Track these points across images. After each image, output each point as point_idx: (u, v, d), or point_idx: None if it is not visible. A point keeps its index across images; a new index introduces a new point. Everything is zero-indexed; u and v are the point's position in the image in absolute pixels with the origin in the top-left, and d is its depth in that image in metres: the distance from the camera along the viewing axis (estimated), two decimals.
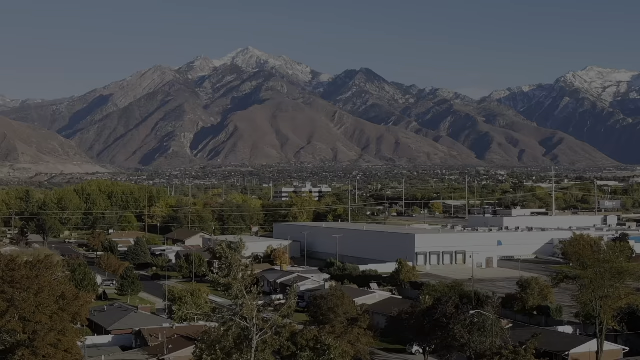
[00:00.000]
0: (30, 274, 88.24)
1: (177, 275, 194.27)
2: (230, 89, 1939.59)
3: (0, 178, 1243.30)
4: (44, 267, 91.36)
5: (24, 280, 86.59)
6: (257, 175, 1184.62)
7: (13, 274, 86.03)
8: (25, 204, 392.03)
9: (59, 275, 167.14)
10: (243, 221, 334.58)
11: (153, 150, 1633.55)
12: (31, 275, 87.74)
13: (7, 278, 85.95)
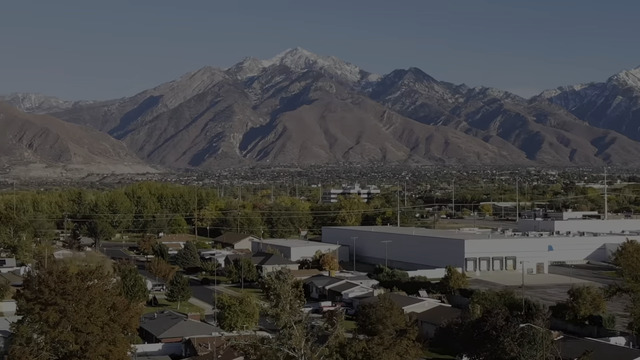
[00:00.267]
0: (81, 285, 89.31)
1: (226, 280, 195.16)
2: (279, 90, 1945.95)
3: (53, 178, 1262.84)
4: (95, 277, 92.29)
5: (75, 291, 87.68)
6: (306, 175, 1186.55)
7: (65, 286, 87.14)
8: (78, 206, 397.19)
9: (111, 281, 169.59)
10: (292, 224, 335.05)
11: (202, 151, 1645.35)
12: (82, 287, 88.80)
13: (60, 290, 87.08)
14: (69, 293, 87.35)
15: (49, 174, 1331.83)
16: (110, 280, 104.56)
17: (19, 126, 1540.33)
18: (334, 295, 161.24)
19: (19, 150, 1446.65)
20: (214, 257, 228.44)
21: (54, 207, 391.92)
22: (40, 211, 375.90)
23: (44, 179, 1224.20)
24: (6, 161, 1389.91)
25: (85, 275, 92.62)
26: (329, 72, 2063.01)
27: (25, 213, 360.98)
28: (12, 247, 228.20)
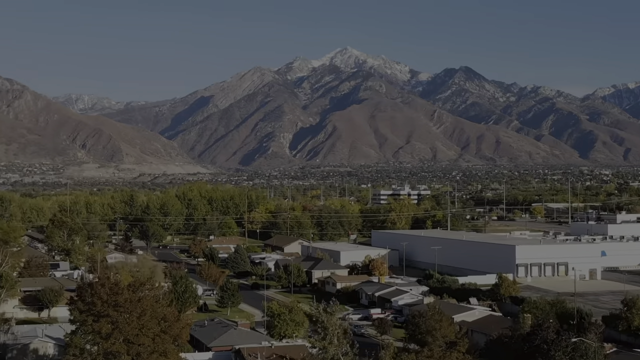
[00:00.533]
0: (133, 296, 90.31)
1: (275, 284, 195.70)
2: (328, 89, 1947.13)
3: (105, 178, 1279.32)
4: (147, 289, 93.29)
5: (127, 303, 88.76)
6: (356, 175, 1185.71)
7: (117, 298, 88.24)
8: (130, 208, 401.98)
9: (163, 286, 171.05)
10: (341, 227, 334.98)
11: (253, 151, 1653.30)
12: (134, 298, 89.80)
13: (112, 302, 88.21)
14: (120, 305, 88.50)
15: (101, 174, 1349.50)
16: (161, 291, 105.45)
17: (73, 127, 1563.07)
18: (384, 302, 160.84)
19: (72, 151, 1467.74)
20: (263, 261, 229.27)
21: (106, 209, 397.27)
22: (93, 213, 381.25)
23: (97, 179, 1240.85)
24: (60, 161, 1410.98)
25: (136, 286, 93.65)
26: (379, 72, 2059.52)
27: (78, 215, 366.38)
28: (65, 250, 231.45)
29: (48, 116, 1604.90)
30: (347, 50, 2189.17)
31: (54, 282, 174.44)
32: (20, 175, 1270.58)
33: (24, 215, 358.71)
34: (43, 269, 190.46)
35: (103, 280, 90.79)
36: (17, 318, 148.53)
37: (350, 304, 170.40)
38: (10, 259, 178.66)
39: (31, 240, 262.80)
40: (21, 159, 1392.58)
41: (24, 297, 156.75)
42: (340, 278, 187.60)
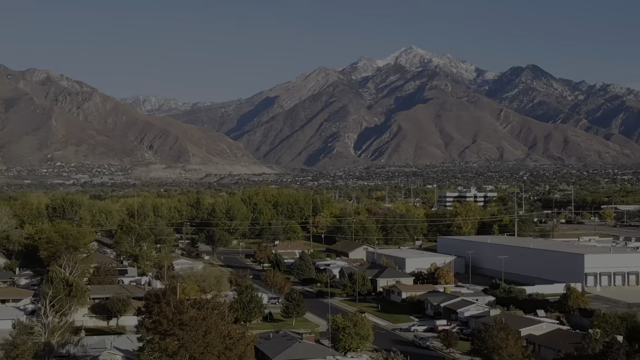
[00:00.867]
0: (198, 315, 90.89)
1: (340, 292, 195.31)
2: (393, 89, 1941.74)
3: (172, 179, 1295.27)
4: (211, 307, 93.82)
5: (192, 322, 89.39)
6: (421, 175, 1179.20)
7: (182, 317, 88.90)
8: (196, 211, 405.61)
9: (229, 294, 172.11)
10: (406, 231, 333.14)
11: (318, 151, 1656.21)
12: (199, 317, 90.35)
13: (177, 321, 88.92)
14: (186, 323, 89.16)
15: (168, 175, 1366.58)
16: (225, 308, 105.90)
17: (140, 128, 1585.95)
18: (449, 313, 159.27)
19: (140, 152, 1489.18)
20: (328, 268, 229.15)
21: (173, 212, 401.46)
22: (160, 216, 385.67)
23: (164, 180, 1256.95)
24: (128, 162, 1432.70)
25: (202, 304, 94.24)
26: (444, 71, 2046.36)
27: (146, 218, 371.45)
28: (133, 256, 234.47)
29: (116, 117, 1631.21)
30: (412, 50, 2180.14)
31: (122, 289, 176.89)
32: (90, 176, 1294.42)
33: (93, 218, 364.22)
34: (111, 275, 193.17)
35: (168, 299, 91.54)
36: (86, 327, 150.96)
37: (416, 314, 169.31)
38: (80, 266, 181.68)
39: (100, 245, 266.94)
40: (90, 159, 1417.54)
41: (93, 305, 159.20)
42: (405, 287, 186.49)
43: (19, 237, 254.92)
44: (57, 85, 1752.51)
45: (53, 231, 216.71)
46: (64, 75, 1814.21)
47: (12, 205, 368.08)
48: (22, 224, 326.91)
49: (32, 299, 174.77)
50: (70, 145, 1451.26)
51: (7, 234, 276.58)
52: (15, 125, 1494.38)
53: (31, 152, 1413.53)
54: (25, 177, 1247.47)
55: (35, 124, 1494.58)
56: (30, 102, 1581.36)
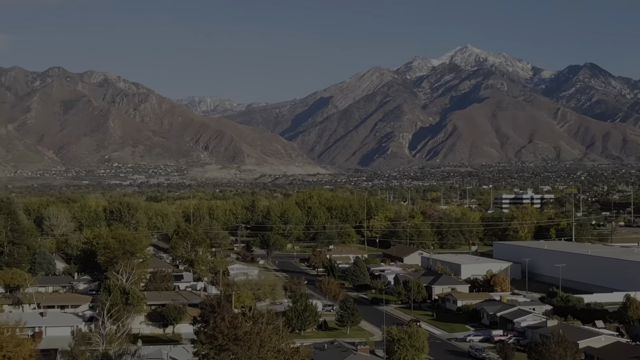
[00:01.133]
0: (252, 329, 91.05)
1: (395, 300, 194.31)
2: (448, 88, 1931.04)
3: (227, 179, 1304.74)
4: (266, 321, 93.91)
5: (246, 336, 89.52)
6: (477, 175, 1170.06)
7: (236, 332, 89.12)
8: (251, 214, 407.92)
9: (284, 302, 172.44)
10: (462, 235, 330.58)
11: (372, 151, 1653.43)
12: (253, 331, 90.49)
13: (232, 335, 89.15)
14: (240, 338, 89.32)
15: (223, 175, 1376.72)
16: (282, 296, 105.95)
17: (196, 129, 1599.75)
18: (506, 323, 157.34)
19: (195, 152, 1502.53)
20: (383, 274, 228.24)
21: (228, 215, 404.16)
22: (215, 219, 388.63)
23: (219, 180, 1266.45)
24: (184, 163, 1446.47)
25: (256, 318, 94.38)
26: (500, 70, 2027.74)
27: (201, 221, 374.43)
28: (189, 261, 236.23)
29: (172, 119, 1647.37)
30: (467, 49, 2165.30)
31: (178, 296, 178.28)
32: (146, 177, 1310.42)
33: (149, 221, 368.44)
34: (167, 281, 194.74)
35: (223, 314, 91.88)
36: (143, 334, 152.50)
37: (471, 323, 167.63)
38: (136, 271, 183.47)
39: (156, 250, 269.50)
40: (147, 160, 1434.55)
41: (150, 313, 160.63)
42: (460, 295, 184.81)
43: (77, 241, 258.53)
44: (115, 87, 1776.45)
45: (110, 236, 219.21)
46: (121, 77, 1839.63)
47: (70, 207, 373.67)
48: (80, 226, 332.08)
49: (90, 304, 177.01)
50: (127, 146, 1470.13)
51: (65, 237, 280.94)
52: (73, 127, 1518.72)
53: (89, 153, 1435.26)
54: (84, 178, 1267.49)
55: (93, 126, 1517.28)
56: (88, 104, 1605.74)
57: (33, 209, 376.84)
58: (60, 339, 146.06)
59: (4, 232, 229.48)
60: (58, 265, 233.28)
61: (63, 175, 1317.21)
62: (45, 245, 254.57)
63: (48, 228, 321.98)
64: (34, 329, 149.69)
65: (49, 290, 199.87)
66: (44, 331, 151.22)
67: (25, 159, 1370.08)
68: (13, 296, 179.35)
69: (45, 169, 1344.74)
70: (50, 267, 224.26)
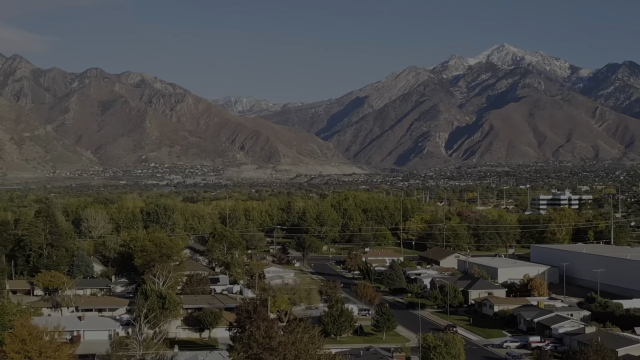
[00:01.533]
0: (287, 339, 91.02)
1: (431, 304, 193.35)
2: (485, 87, 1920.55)
3: (263, 179, 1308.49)
4: (301, 331, 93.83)
5: (281, 346, 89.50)
6: (514, 175, 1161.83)
7: (271, 342, 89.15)
8: (287, 215, 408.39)
9: (320, 307, 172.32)
10: (499, 237, 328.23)
11: (408, 151, 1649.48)
12: (289, 342, 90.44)
13: (266, 345, 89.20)
14: (275, 348, 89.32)
15: (259, 175, 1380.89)
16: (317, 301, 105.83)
17: (232, 129, 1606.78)
18: (543, 329, 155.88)
19: (231, 152, 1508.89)
20: (419, 278, 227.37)
21: (264, 216, 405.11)
22: (251, 220, 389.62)
23: (255, 180, 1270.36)
24: (220, 163, 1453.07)
25: (292, 328, 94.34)
26: (537, 68, 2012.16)
27: (237, 222, 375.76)
28: (225, 263, 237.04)
29: (208, 119, 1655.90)
30: (504, 47, 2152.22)
31: (214, 299, 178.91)
32: (183, 177, 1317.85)
33: (186, 222, 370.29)
34: (204, 284, 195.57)
35: (259, 323, 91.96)
36: (179, 338, 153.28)
37: (508, 328, 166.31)
38: (172, 275, 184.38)
39: (193, 253, 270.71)
40: (183, 160, 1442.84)
41: (186, 317, 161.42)
42: (497, 300, 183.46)
43: (114, 244, 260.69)
44: (151, 88, 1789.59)
45: (147, 239, 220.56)
46: (157, 78, 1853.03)
47: (108, 209, 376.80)
48: (117, 227, 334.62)
49: (128, 307, 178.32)
50: (163, 146, 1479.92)
51: (103, 239, 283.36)
52: (111, 127, 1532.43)
53: (126, 154, 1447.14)
54: (121, 178, 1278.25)
55: (130, 126, 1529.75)
56: (126, 104, 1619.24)
57: (71, 210, 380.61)
58: (98, 343, 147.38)
59: (43, 235, 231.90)
60: (96, 268, 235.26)
61: (101, 175, 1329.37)
62: (83, 248, 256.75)
63: (86, 229, 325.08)
64: (72, 332, 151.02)
65: (86, 293, 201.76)
66: (82, 335, 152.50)
67: (63, 159, 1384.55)
68: (52, 299, 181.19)
69: (83, 169, 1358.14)
70: (88, 270, 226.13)
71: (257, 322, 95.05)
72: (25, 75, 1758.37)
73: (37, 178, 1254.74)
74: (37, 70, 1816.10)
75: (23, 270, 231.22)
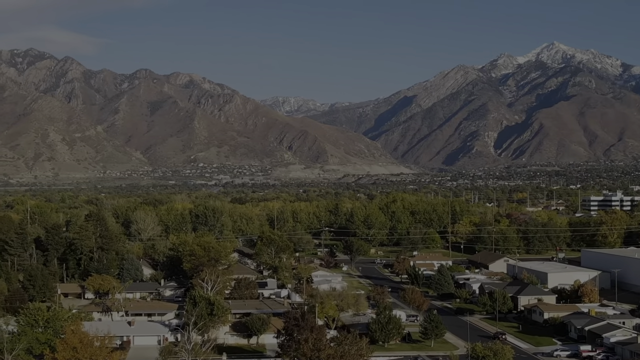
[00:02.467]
0: (336, 352, 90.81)
1: (480, 310, 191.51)
2: (534, 86, 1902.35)
3: (311, 179, 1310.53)
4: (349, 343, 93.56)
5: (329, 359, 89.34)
6: (564, 175, 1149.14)
7: (319, 354, 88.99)
8: (334, 217, 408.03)
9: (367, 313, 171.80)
10: (549, 240, 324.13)
11: (456, 150, 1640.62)
12: (337, 355, 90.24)
13: (314, 357, 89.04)
14: None
15: (307, 175, 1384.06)
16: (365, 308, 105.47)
17: (280, 129, 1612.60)
18: (594, 338, 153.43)
19: (279, 152, 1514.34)
20: (467, 283, 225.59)
21: (311, 218, 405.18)
22: (299, 222, 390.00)
23: (303, 180, 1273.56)
24: (268, 163, 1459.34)
25: (340, 340, 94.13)
26: (588, 67, 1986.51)
27: (285, 224, 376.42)
28: (273, 267, 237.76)
29: (256, 119, 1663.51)
30: (554, 45, 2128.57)
31: (262, 304, 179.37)
32: (231, 177, 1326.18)
33: (234, 224, 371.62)
34: (252, 288, 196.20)
35: (307, 334, 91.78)
36: (227, 344, 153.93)
37: (559, 336, 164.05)
38: (221, 280, 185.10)
39: (241, 256, 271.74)
40: (232, 160, 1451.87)
41: (234, 323, 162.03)
42: (547, 307, 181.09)
43: (163, 247, 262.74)
44: (200, 88, 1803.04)
45: (195, 244, 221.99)
46: (206, 79, 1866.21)
47: (157, 210, 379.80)
48: (166, 229, 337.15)
49: (177, 312, 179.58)
50: (212, 146, 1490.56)
51: (152, 242, 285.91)
52: (160, 128, 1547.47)
53: (175, 154, 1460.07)
54: (170, 178, 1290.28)
55: (179, 126, 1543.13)
56: (174, 105, 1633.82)
57: (121, 212, 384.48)
58: (147, 348, 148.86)
59: (93, 239, 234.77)
60: (145, 271, 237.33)
61: (150, 175, 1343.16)
62: (132, 251, 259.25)
63: (135, 231, 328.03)
64: (122, 338, 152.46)
65: (136, 297, 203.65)
66: (131, 340, 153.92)
67: (113, 159, 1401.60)
68: (102, 303, 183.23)
69: (132, 169, 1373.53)
70: (138, 274, 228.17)
71: (304, 330, 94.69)
72: (77, 77, 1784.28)
73: (88, 178, 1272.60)
74: (87, 71, 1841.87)
75: (74, 273, 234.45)
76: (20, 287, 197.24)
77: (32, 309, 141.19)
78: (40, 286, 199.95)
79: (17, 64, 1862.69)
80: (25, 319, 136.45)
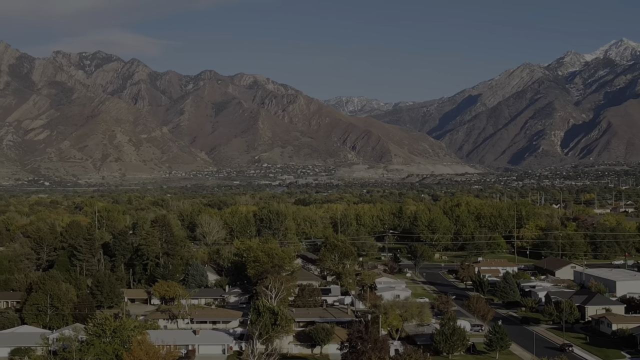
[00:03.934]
0: None
1: (546, 320, 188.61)
2: (602, 84, 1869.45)
3: (375, 179, 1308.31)
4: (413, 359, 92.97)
5: None
6: (633, 174, 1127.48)
7: None
8: (398, 219, 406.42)
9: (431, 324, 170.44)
10: (617, 245, 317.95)
11: (522, 150, 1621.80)
12: None
13: None
14: None
15: (370, 175, 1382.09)
16: None
17: (343, 129, 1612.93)
18: None
19: (343, 152, 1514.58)
20: (533, 291, 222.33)
21: (375, 221, 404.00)
22: (362, 225, 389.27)
23: (366, 180, 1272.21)
24: (331, 163, 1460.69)
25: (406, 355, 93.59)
26: None
27: (348, 227, 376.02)
28: (337, 273, 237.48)
29: (320, 119, 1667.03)
30: (623, 42, 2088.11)
31: (326, 313, 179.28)
32: (295, 177, 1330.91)
33: (298, 227, 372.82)
34: (315, 295, 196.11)
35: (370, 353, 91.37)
36: (291, 354, 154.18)
37: (627, 349, 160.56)
38: (284, 287, 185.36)
39: (304, 262, 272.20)
40: (295, 160, 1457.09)
41: (298, 332, 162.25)
42: (615, 318, 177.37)
43: (228, 253, 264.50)
44: (264, 89, 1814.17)
45: (259, 250, 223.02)
46: (270, 79, 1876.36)
47: (222, 214, 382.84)
48: (231, 232, 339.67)
49: (241, 319, 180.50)
50: (276, 146, 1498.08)
51: (217, 247, 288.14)
52: (224, 128, 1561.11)
53: (239, 154, 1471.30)
54: (234, 178, 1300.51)
55: (243, 127, 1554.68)
56: (239, 105, 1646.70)
57: (186, 215, 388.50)
58: (212, 357, 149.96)
59: (159, 244, 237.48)
60: (210, 277, 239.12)
61: (215, 175, 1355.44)
62: (197, 256, 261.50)
63: (200, 235, 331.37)
64: (187, 347, 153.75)
65: (201, 303, 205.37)
66: (196, 349, 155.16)
67: (179, 160, 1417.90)
68: (168, 311, 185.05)
69: (197, 170, 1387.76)
70: (203, 280, 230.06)
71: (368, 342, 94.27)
72: (143, 79, 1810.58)
73: (153, 178, 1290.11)
74: (153, 73, 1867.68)
75: (140, 278, 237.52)
76: (89, 292, 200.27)
77: (99, 318, 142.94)
78: (108, 292, 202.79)
79: (85, 66, 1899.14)
80: (93, 329, 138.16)
